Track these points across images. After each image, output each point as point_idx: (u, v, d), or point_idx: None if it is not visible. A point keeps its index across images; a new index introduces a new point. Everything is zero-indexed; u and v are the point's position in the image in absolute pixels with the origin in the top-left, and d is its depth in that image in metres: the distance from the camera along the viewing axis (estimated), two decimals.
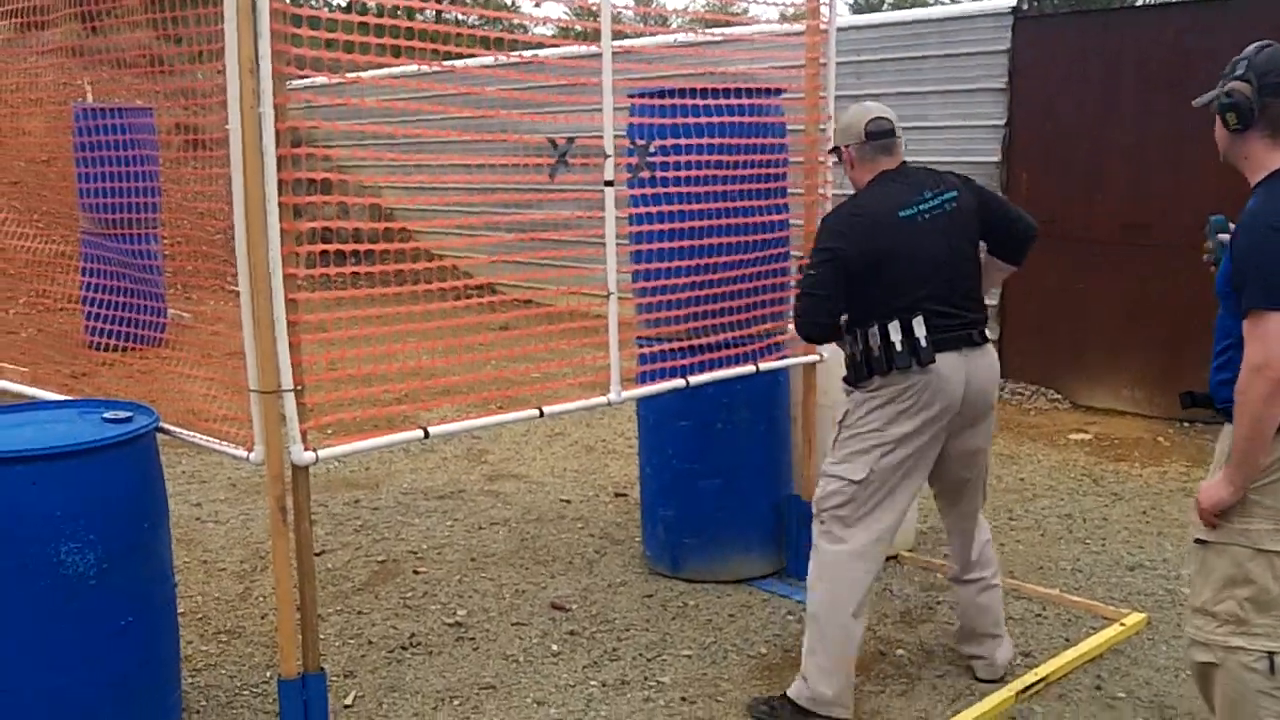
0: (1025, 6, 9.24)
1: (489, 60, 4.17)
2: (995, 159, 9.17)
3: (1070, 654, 4.63)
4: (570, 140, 4.20)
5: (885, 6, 41.47)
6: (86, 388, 4.77)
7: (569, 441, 8.01)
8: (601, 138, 4.27)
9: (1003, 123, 9.16)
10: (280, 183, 3.40)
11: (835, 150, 4.38)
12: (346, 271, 3.69)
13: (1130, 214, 8.65)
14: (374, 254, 3.76)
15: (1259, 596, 3.15)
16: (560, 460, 7.56)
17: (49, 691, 3.56)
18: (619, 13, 4.39)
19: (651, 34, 8.01)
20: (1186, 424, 8.39)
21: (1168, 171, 8.35)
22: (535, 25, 10.59)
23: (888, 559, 5.42)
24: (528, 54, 4.14)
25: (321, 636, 4.73)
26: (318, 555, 5.73)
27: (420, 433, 3.79)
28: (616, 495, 6.72)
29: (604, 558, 5.74)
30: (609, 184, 4.29)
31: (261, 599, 5.19)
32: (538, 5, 4.14)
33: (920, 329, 3.97)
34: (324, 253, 3.61)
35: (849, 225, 4.10)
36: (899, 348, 3.97)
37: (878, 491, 4.07)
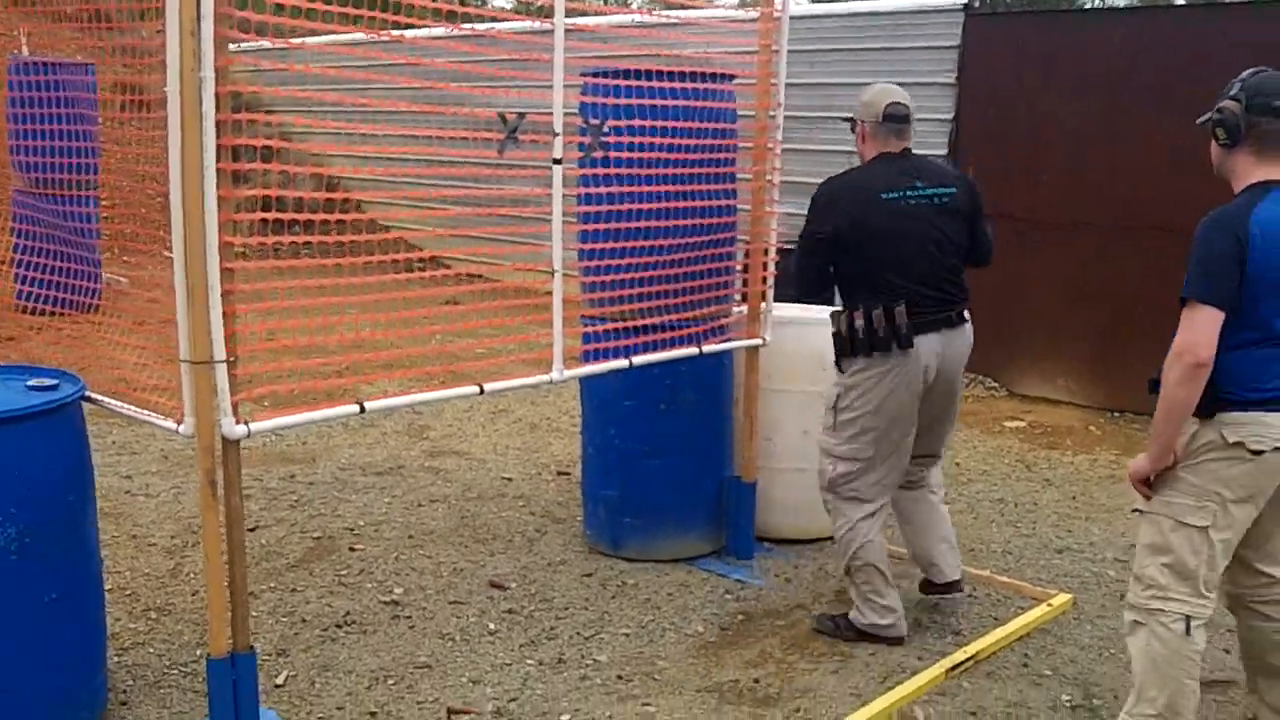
0: (977, 3, 9.28)
1: (439, 31, 4.12)
2: (943, 152, 9.21)
3: (999, 633, 4.69)
4: (521, 116, 4.16)
5: None
6: (13, 353, 4.67)
7: (512, 419, 7.96)
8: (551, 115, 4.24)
9: (951, 116, 9.21)
10: (219, 149, 3.32)
11: (851, 121, 4.69)
12: (286, 241, 3.62)
13: (1069, 204, 8.74)
14: (315, 223, 3.69)
15: (1177, 565, 3.46)
16: (503, 437, 7.52)
17: None
18: None
19: (607, 14, 7.97)
20: (1117, 414, 8.50)
21: (1104, 165, 8.45)
22: None
23: (828, 539, 5.50)
24: (480, 27, 4.09)
25: (254, 614, 4.68)
26: (251, 531, 5.67)
27: (356, 407, 3.73)
28: (559, 474, 6.69)
29: (544, 536, 5.71)
30: (557, 162, 4.24)
31: (192, 575, 5.11)
32: None
33: (901, 316, 4.35)
34: (264, 221, 3.55)
35: (842, 194, 4.51)
36: (880, 333, 4.37)
37: (883, 461, 4.56)
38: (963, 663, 4.43)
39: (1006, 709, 4.14)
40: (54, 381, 3.80)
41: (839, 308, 4.58)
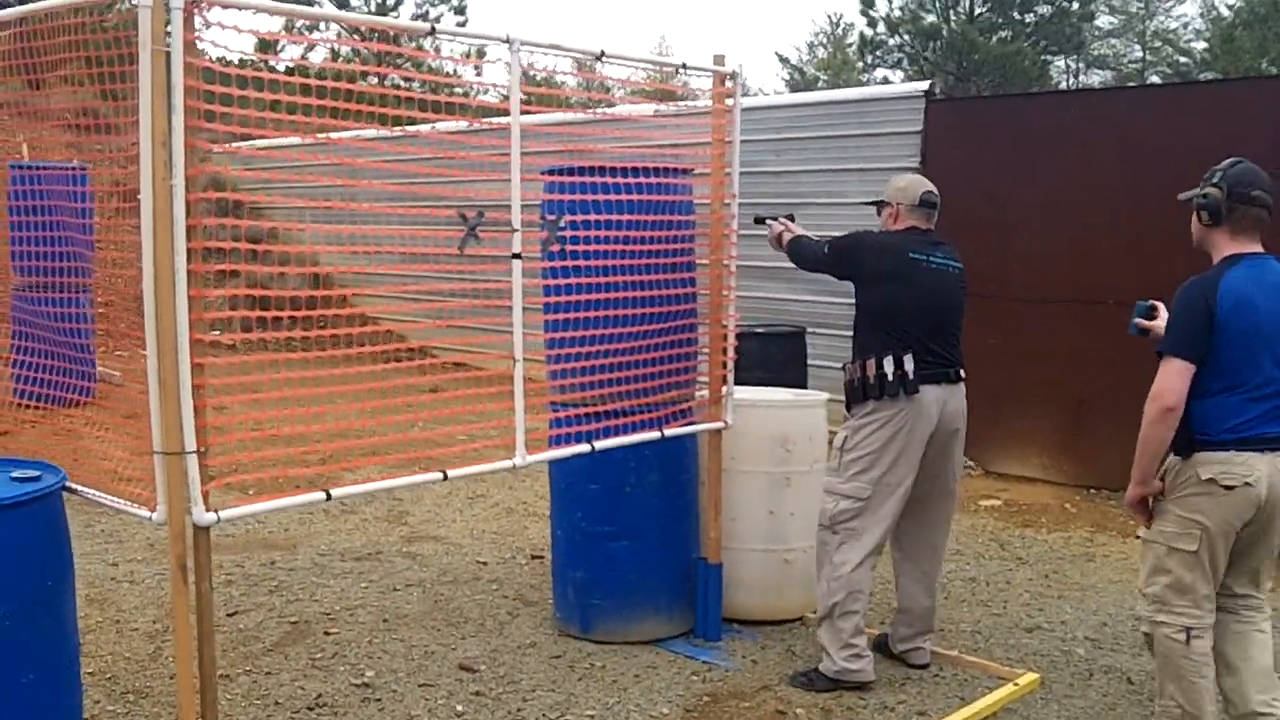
0: (937, 91, 9.57)
1: (383, 134, 4.32)
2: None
3: (963, 713, 4.78)
4: (480, 214, 4.35)
5: (819, 85, 42.38)
6: (11, 445, 4.80)
7: (490, 503, 8.10)
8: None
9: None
10: (190, 251, 3.51)
11: (884, 204, 5.25)
12: (268, 337, 3.80)
13: (1036, 280, 8.95)
14: (300, 320, 3.86)
15: (1175, 583, 4.09)
16: (480, 522, 7.65)
17: None
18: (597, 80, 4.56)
19: (563, 114, 8.23)
20: (1092, 490, 8.64)
21: (1073, 242, 8.67)
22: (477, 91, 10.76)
23: (795, 620, 5.62)
24: (443, 127, 4.30)
25: (229, 696, 4.81)
26: (231, 615, 5.79)
27: (322, 495, 3.89)
28: (533, 558, 6.82)
29: (516, 619, 5.83)
30: (516, 256, 4.43)
31: (171, 659, 5.20)
32: (478, 73, 4.30)
33: (909, 364, 4.90)
34: (233, 318, 3.73)
35: (878, 239, 5.18)
36: (890, 378, 4.89)
37: (881, 502, 4.97)
38: None
39: None
40: (37, 473, 3.95)
41: (854, 362, 5.04)
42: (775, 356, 8.86)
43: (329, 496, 3.92)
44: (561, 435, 5.04)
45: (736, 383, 5.53)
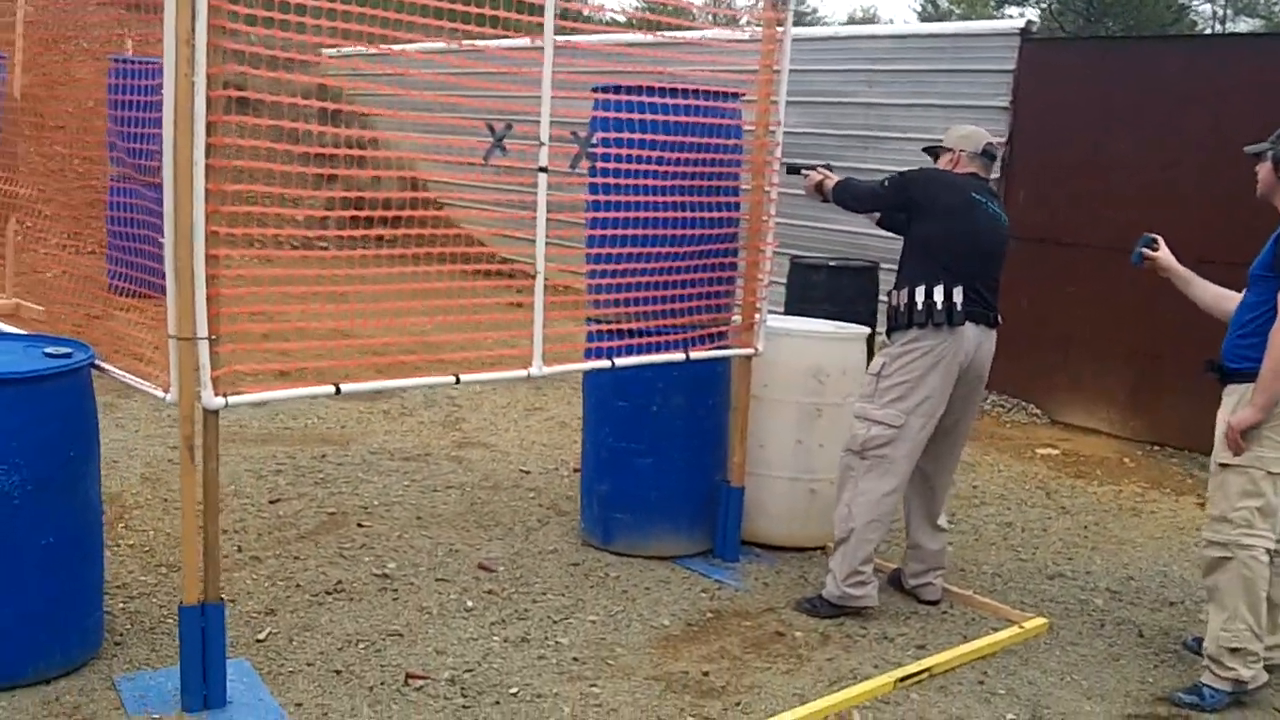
0: (1034, 29, 9.37)
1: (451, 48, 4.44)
2: (994, 176, 9.29)
3: (961, 649, 4.84)
4: (508, 126, 4.45)
5: (953, 17, 41.37)
6: (97, 330, 5.05)
7: (545, 416, 8.27)
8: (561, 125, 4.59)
9: (1004, 140, 9.30)
10: (209, 146, 3.66)
11: (943, 150, 5.30)
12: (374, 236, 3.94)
13: (1117, 231, 8.77)
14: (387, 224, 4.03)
15: (1265, 507, 4.39)
16: (532, 433, 7.83)
17: None
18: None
19: (615, 34, 8.24)
20: (1155, 447, 8.52)
21: (1156, 194, 8.47)
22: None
23: (817, 549, 5.70)
24: (483, 44, 4.40)
25: (254, 576, 5.06)
26: (273, 503, 6.05)
27: (331, 388, 4.05)
28: (575, 470, 6.96)
29: (545, 526, 6.00)
30: (543, 170, 4.52)
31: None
32: None
33: (958, 297, 4.95)
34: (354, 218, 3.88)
35: (938, 172, 5.22)
36: (939, 307, 4.92)
37: (913, 435, 5.02)
38: (916, 674, 4.60)
39: None
40: (68, 350, 4.20)
41: (901, 289, 5.07)
42: (845, 291, 8.85)
43: (338, 390, 4.08)
44: (593, 350, 5.16)
45: (805, 314, 5.61)
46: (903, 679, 4.54)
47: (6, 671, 3.96)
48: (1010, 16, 32.24)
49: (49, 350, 4.17)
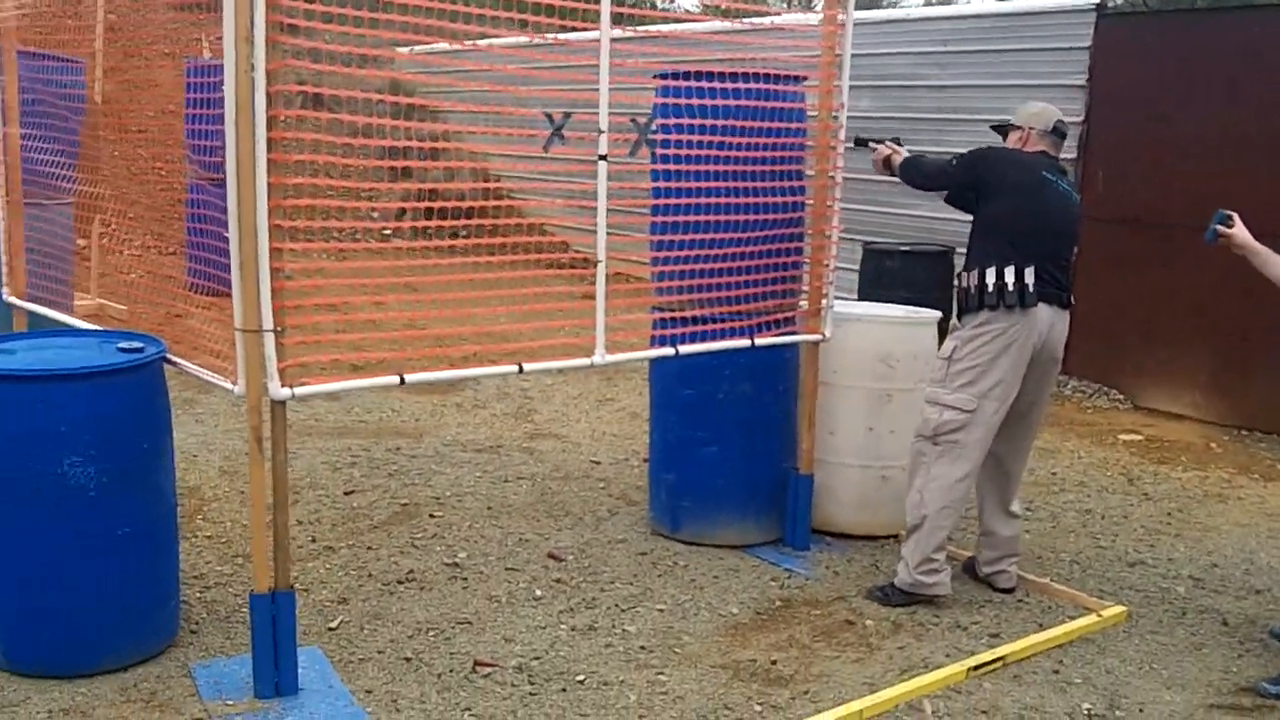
0: (1109, 4, 9.20)
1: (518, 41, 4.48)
2: (1071, 156, 9.15)
3: (1036, 638, 4.76)
4: (566, 115, 4.46)
5: None
6: (177, 328, 5.14)
7: (617, 407, 8.29)
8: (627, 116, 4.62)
9: (1080, 119, 9.15)
10: (271, 141, 3.71)
11: (1013, 128, 5.19)
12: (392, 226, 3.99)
13: (1202, 211, 8.57)
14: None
15: None
16: (604, 424, 7.85)
17: (58, 588, 3.99)
18: None
19: (679, 20, 8.21)
20: (1243, 431, 8.33)
21: (1241, 171, 8.27)
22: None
23: (888, 537, 5.65)
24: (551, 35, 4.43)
25: (327, 566, 5.14)
26: (347, 494, 6.14)
27: (395, 378, 4.09)
28: (644, 460, 6.96)
29: (614, 516, 6.01)
30: (602, 158, 4.53)
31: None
32: None
33: (1030, 277, 4.86)
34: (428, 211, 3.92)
35: (1007, 150, 5.14)
36: (1010, 288, 4.83)
37: (986, 417, 4.94)
38: (989, 663, 4.54)
39: (1021, 711, 4.22)
40: (141, 345, 4.29)
41: (973, 270, 4.99)
42: (919, 277, 8.78)
43: (402, 380, 4.12)
44: (658, 337, 5.17)
45: (879, 300, 5.57)
46: (975, 668, 4.49)
47: (85, 658, 4.07)
48: None
49: (122, 345, 4.26)
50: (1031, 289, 4.86)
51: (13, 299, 5.72)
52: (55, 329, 5.01)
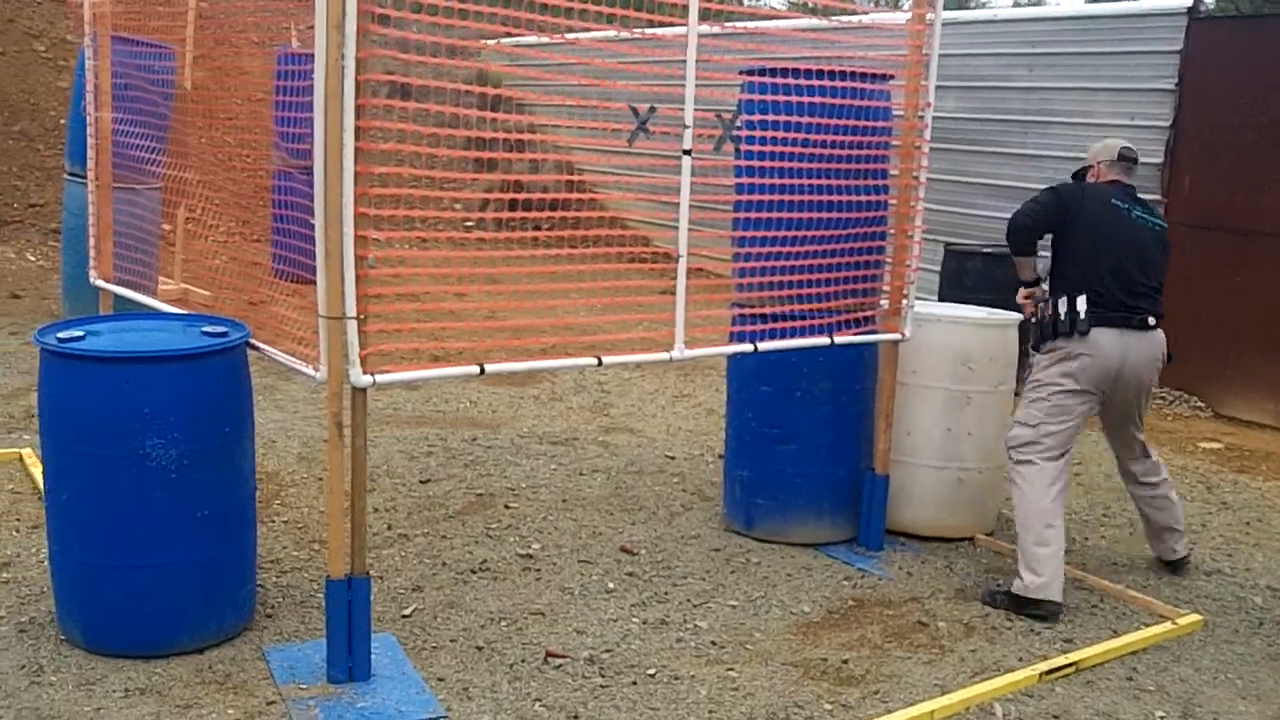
0: (1203, 8, 9.02)
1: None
2: (1158, 160, 9.01)
3: (1110, 644, 4.70)
4: (651, 109, 4.45)
5: None
6: (261, 314, 5.23)
7: (693, 403, 8.29)
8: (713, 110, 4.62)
9: (1168, 123, 8.99)
10: (358, 129, 3.75)
11: (1089, 168, 5.41)
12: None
13: None
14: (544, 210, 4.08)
15: None
16: (679, 420, 7.85)
17: (137, 568, 4.06)
18: None
19: (765, 17, 8.18)
20: None
21: None
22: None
23: (964, 540, 5.60)
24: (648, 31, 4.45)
25: (402, 554, 5.18)
26: (424, 483, 6.18)
27: (475, 368, 4.11)
28: (719, 456, 6.95)
29: (688, 512, 6.01)
30: (686, 153, 4.52)
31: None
32: None
33: (1082, 305, 5.03)
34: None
35: (1083, 188, 5.30)
36: (1062, 318, 5.07)
37: (1050, 432, 5.08)
38: (1062, 668, 4.48)
39: (1092, 717, 4.16)
40: (225, 329, 4.35)
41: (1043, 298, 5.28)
42: (1001, 279, 8.65)
43: (482, 370, 4.14)
44: (737, 333, 5.16)
45: (959, 301, 5.54)
46: (1048, 672, 4.43)
47: (162, 639, 4.13)
48: None
49: (206, 329, 4.33)
50: (1083, 316, 5.02)
51: (100, 281, 5.82)
52: (140, 312, 5.10)
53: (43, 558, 4.83)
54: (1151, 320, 5.11)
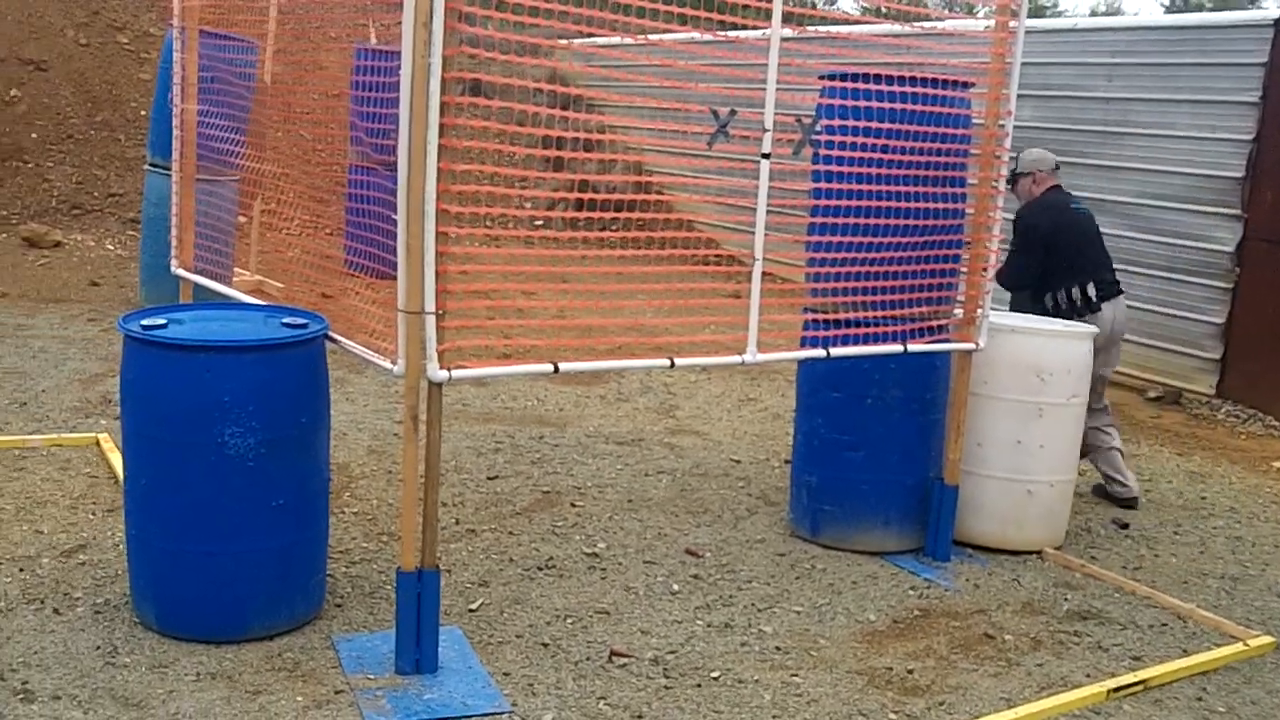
0: None
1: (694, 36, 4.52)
2: (1238, 174, 8.88)
3: (1180, 663, 4.65)
4: (732, 112, 4.46)
5: (1205, 9, 39.49)
6: (333, 307, 5.30)
7: (759, 407, 8.27)
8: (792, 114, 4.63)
9: (1251, 137, 8.85)
10: (442, 126, 3.78)
11: (1022, 175, 6.60)
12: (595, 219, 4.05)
13: None
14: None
15: None
16: (745, 423, 7.84)
17: (212, 554, 4.13)
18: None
19: (847, 22, 8.14)
20: None
21: None
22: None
23: (1032, 553, 5.55)
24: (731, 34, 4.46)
25: (469, 549, 5.23)
26: (491, 479, 6.23)
27: (550, 366, 4.14)
28: (786, 461, 6.93)
29: (753, 516, 6.00)
30: (765, 156, 4.52)
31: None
32: None
33: (1092, 289, 6.41)
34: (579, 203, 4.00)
35: (1049, 211, 6.53)
36: (1078, 302, 6.40)
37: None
38: (1130, 685, 4.44)
39: None
40: (304, 321, 4.40)
41: (1050, 294, 6.47)
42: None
43: (556, 369, 4.17)
44: (809, 338, 5.15)
45: (1031, 312, 5.63)
46: (1116, 690, 4.39)
47: (234, 625, 4.20)
48: (1264, 7, 30.64)
49: (286, 320, 4.38)
50: (1095, 297, 6.40)
51: (181, 271, 5.91)
52: (221, 302, 5.17)
53: (119, 541, 4.92)
54: (1120, 286, 6.55)
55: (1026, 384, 5.57)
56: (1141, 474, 7.30)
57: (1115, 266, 6.58)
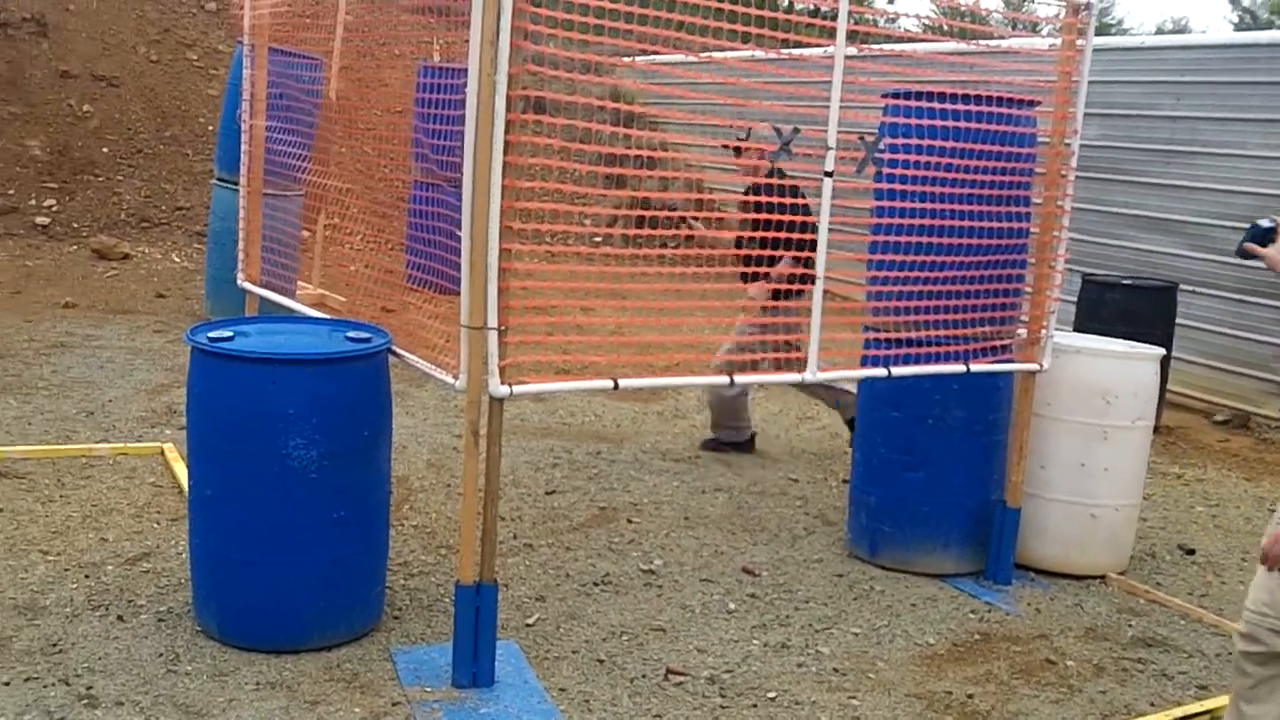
0: None
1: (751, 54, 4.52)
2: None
3: None
4: (795, 130, 4.45)
5: (1275, 26, 38.93)
6: (395, 321, 5.34)
7: (817, 425, 8.23)
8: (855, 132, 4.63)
9: None
10: (507, 144, 3.80)
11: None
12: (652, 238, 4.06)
13: None
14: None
15: None
16: (803, 442, 7.80)
17: (274, 565, 4.17)
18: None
19: (901, 39, 8.10)
20: None
21: None
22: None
23: (1096, 578, 5.48)
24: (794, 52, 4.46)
25: (527, 563, 5.23)
26: (549, 494, 6.23)
27: (609, 382, 4.14)
28: (844, 481, 6.89)
29: (811, 535, 5.96)
30: (828, 174, 4.51)
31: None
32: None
33: None
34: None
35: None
36: None
37: None
38: (1195, 715, 4.35)
39: None
40: (367, 335, 4.44)
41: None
42: (1140, 311, 8.48)
43: (616, 385, 4.17)
44: (870, 357, 5.12)
45: (1096, 333, 5.47)
46: (1181, 719, 4.31)
47: (293, 635, 4.23)
48: None
49: (350, 334, 4.42)
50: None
51: (247, 284, 5.99)
52: (286, 315, 5.23)
53: (182, 550, 4.98)
54: None
55: (1091, 406, 5.50)
56: (1209, 499, 7.19)
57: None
